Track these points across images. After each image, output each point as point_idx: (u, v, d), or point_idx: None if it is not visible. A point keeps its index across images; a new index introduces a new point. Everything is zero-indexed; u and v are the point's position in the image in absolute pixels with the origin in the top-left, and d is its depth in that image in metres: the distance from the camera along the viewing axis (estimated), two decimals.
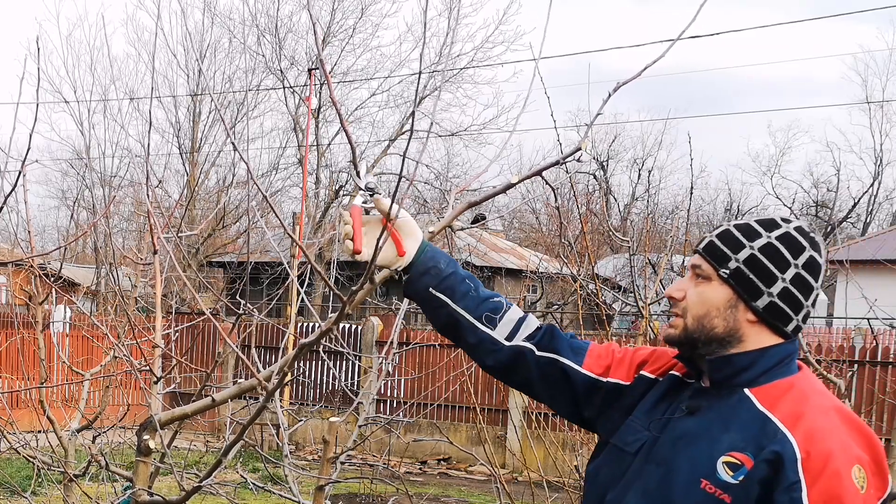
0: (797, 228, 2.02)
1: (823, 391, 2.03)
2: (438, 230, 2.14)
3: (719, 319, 2.00)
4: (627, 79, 2.02)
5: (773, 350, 2.00)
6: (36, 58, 6.23)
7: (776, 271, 1.97)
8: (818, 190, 39.72)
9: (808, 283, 1.99)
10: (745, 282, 1.98)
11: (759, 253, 1.98)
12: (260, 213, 15.46)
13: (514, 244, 31.45)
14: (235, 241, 26.10)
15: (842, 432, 1.91)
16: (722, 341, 2.01)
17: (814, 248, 2.01)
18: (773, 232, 2.00)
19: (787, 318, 1.99)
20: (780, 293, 1.97)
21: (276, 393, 2.30)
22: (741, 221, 2.06)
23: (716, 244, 2.03)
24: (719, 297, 2.00)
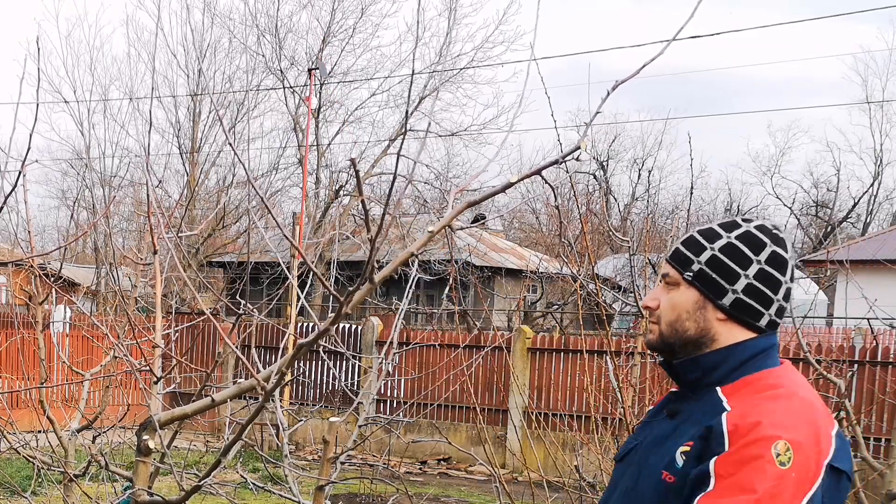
0: (758, 227, 2.06)
1: (794, 383, 2.02)
2: (438, 230, 2.14)
3: (690, 322, 2.06)
4: (626, 77, 2.02)
5: (741, 346, 2.04)
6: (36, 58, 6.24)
7: (738, 269, 2.02)
8: (818, 190, 39.73)
9: (774, 277, 2.03)
10: (709, 282, 2.04)
11: (719, 253, 2.04)
12: (259, 214, 15.48)
13: (514, 244, 31.44)
14: (235, 241, 26.08)
15: (784, 413, 1.92)
16: (696, 343, 2.06)
17: (776, 244, 2.04)
18: (732, 232, 2.06)
19: (757, 314, 2.03)
20: (744, 289, 2.02)
21: (276, 393, 2.30)
22: (704, 227, 2.11)
23: (680, 250, 2.09)
24: (688, 300, 2.06)
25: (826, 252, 24.37)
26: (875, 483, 5.17)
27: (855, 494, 4.48)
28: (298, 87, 25.11)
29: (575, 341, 13.38)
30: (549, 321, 22.12)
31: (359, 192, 2.26)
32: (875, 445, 10.40)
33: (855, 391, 11.15)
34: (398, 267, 2.19)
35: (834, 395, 4.61)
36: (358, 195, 20.15)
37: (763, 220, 2.10)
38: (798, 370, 2.13)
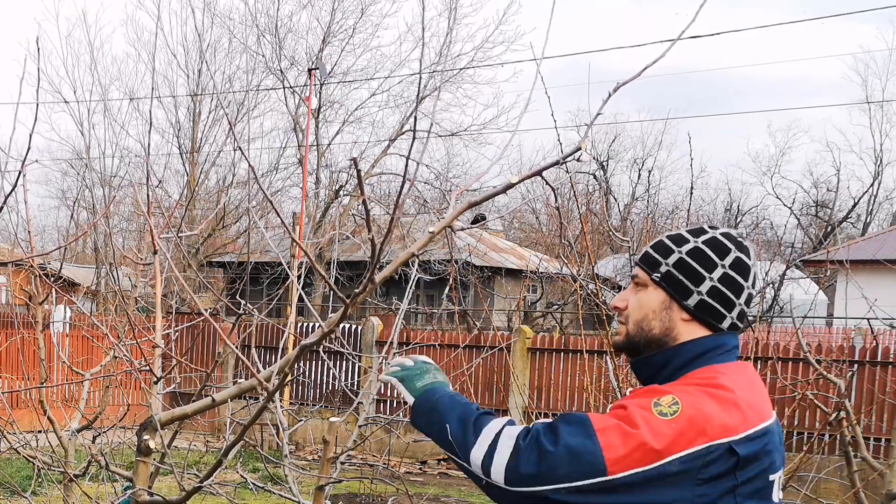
0: (724, 234, 2.15)
1: (730, 380, 2.03)
2: (439, 230, 2.14)
3: (656, 321, 2.13)
4: (627, 79, 2.02)
5: (689, 344, 2.10)
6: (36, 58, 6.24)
7: (703, 272, 2.10)
8: (818, 190, 39.71)
9: (737, 282, 2.11)
10: (675, 283, 2.12)
11: (686, 256, 2.12)
12: (260, 214, 15.47)
13: (514, 244, 31.45)
14: (235, 241, 26.08)
15: (694, 391, 1.97)
16: (659, 342, 2.13)
17: (740, 251, 2.13)
18: (700, 237, 2.14)
19: (720, 316, 2.11)
20: (709, 291, 2.09)
21: (276, 393, 2.30)
22: (674, 233, 2.19)
23: (649, 253, 2.17)
24: (655, 300, 2.14)
25: (826, 252, 24.37)
26: (875, 483, 5.18)
27: (855, 494, 4.49)
28: (298, 87, 25.12)
29: (575, 341, 13.38)
30: (549, 321, 22.12)
31: (360, 191, 2.26)
32: (875, 445, 10.40)
33: (855, 391, 11.15)
34: (399, 267, 2.19)
35: (834, 395, 4.61)
36: (358, 195, 20.10)
37: (729, 229, 2.18)
38: (749, 371, 2.15)
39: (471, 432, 2.05)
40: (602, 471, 1.88)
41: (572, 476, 1.89)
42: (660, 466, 1.88)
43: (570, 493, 1.89)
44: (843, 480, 5.11)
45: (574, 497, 1.89)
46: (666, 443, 1.88)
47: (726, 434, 1.92)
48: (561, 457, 1.90)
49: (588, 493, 1.89)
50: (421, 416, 2.19)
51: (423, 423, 2.18)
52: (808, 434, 10.62)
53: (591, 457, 1.88)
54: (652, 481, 1.88)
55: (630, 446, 1.88)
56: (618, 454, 1.88)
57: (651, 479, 1.88)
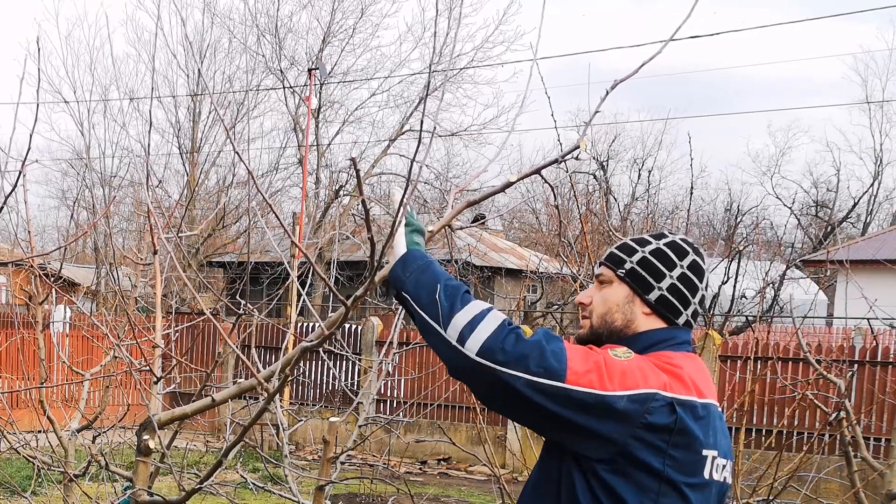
0: (682, 238, 2.36)
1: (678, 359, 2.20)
2: (438, 229, 2.14)
3: (619, 314, 2.30)
4: (625, 77, 2.03)
5: (645, 334, 2.27)
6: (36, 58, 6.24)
7: (664, 269, 2.29)
8: (818, 190, 39.68)
9: (693, 282, 2.30)
10: (638, 279, 2.29)
11: (650, 255, 2.31)
12: (260, 213, 15.46)
13: (514, 244, 31.43)
14: (235, 241, 26.07)
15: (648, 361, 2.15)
16: (620, 333, 2.29)
17: (697, 255, 2.33)
18: (661, 240, 2.34)
19: (677, 311, 2.29)
20: (668, 288, 2.28)
21: (276, 393, 2.30)
22: (637, 237, 2.39)
23: (615, 252, 2.36)
24: (619, 294, 2.31)
25: (826, 252, 24.37)
26: (875, 483, 5.18)
27: (855, 494, 4.49)
28: (298, 87, 25.11)
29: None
30: (549, 321, 22.12)
31: (359, 191, 2.27)
32: (875, 445, 10.40)
33: (855, 391, 11.14)
34: None
35: (834, 395, 4.61)
36: (358, 195, 20.10)
37: (685, 235, 2.40)
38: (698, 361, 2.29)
39: (458, 300, 2.14)
40: (562, 376, 2.02)
41: (536, 371, 2.02)
42: (610, 396, 2.02)
43: (525, 386, 2.02)
44: (843, 480, 5.11)
45: (526, 390, 2.02)
46: (617, 377, 2.05)
47: (669, 389, 2.08)
48: (533, 348, 2.04)
49: (540, 393, 2.02)
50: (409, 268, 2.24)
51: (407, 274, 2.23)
52: (808, 434, 10.62)
53: (557, 362, 2.03)
54: (598, 407, 2.02)
55: (588, 366, 2.04)
56: (578, 370, 2.03)
57: (599, 405, 2.02)
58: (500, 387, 2.04)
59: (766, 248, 28.29)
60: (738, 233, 34.51)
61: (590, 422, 2.02)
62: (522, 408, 2.04)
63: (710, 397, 2.19)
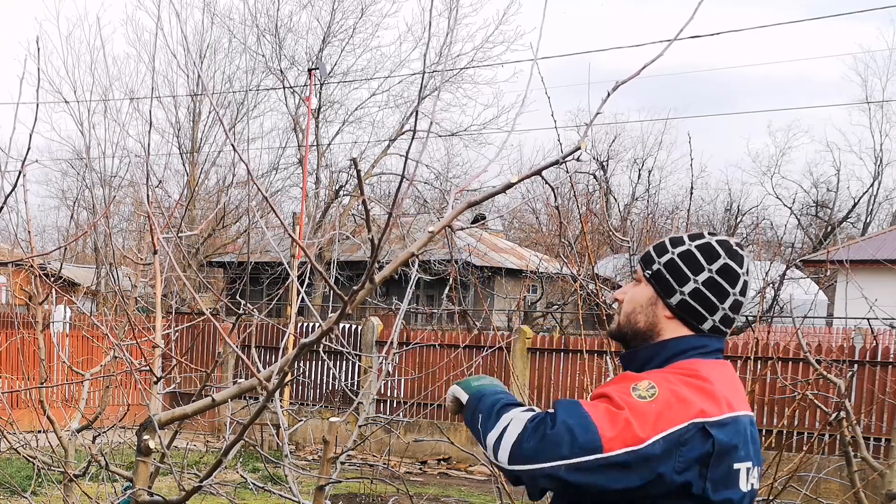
0: (719, 241, 2.26)
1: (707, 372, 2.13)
2: (438, 230, 2.14)
3: (642, 315, 2.26)
4: (626, 78, 2.02)
5: (673, 341, 2.22)
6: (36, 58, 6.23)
7: (689, 273, 2.22)
8: (818, 190, 39.69)
9: (722, 287, 2.21)
10: (662, 281, 2.24)
11: (677, 258, 2.24)
12: (260, 213, 15.47)
13: (514, 244, 31.44)
14: (235, 241, 26.08)
15: (669, 376, 2.10)
16: (644, 335, 2.25)
17: (731, 258, 2.22)
18: (694, 242, 2.26)
19: (701, 317, 2.22)
20: (691, 292, 2.21)
21: (276, 393, 2.30)
22: (677, 235, 2.31)
23: (649, 252, 2.31)
24: (644, 295, 2.27)
25: (826, 252, 24.37)
26: (875, 483, 5.18)
27: (855, 494, 4.49)
28: (298, 87, 25.12)
29: (575, 341, 13.37)
30: (549, 321, 22.13)
31: (360, 191, 2.27)
32: (875, 445, 10.39)
33: (855, 391, 11.14)
34: (399, 267, 2.19)
35: (834, 395, 4.61)
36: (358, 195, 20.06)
37: (728, 237, 2.27)
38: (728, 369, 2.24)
39: (493, 419, 2.14)
40: (599, 448, 1.97)
41: (572, 453, 1.97)
42: (646, 447, 1.98)
43: (569, 471, 1.98)
44: (843, 480, 5.11)
45: (573, 475, 1.98)
46: (649, 424, 1.99)
47: (700, 416, 2.03)
48: (560, 435, 1.99)
49: (587, 472, 1.98)
50: (468, 412, 2.26)
51: (468, 418, 2.26)
52: (808, 434, 10.63)
53: (589, 435, 1.98)
54: (639, 461, 1.98)
55: (619, 427, 1.98)
56: (610, 434, 1.98)
57: (638, 460, 1.98)
58: (545, 481, 2.02)
59: (766, 248, 28.30)
60: (738, 233, 34.53)
61: (633, 477, 1.99)
62: (576, 490, 2.01)
63: (741, 407, 2.15)
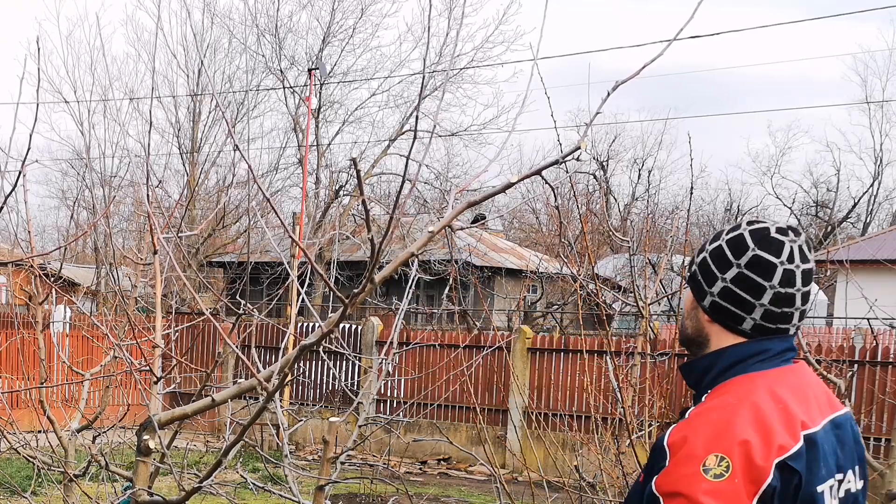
0: (754, 231, 2.05)
1: (753, 391, 2.00)
2: (438, 230, 2.14)
3: (689, 321, 2.14)
4: (626, 78, 2.02)
5: (730, 350, 2.06)
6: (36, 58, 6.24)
7: (717, 272, 2.06)
8: (818, 190, 39.71)
9: (754, 281, 2.02)
10: (695, 283, 2.11)
11: (709, 256, 2.09)
12: (260, 213, 15.47)
13: (514, 244, 31.43)
14: (235, 241, 26.08)
15: (726, 420, 1.92)
16: (694, 342, 2.13)
17: (764, 248, 2.02)
18: (729, 235, 2.08)
19: (737, 317, 2.04)
20: (720, 292, 2.05)
21: (276, 393, 2.30)
22: (721, 229, 2.16)
23: (694, 253, 2.17)
24: (688, 300, 2.15)
25: (826, 252, 24.35)
26: (875, 483, 5.17)
27: None
28: (298, 87, 25.11)
29: (575, 341, 13.37)
30: (549, 321, 22.12)
31: (360, 191, 2.26)
32: (875, 445, 10.39)
33: (855, 391, 11.14)
34: (398, 267, 2.19)
35: (834, 395, 4.61)
36: (358, 195, 20.08)
37: (770, 224, 2.08)
38: (793, 376, 2.09)
39: None
40: None
41: None
42: None
43: None
44: None
45: None
46: (740, 500, 1.86)
47: (779, 454, 1.90)
48: None
49: None
50: None
51: None
52: None
53: None
54: None
55: None
56: None
57: None
58: None
59: None
60: None
61: None
62: None
63: (816, 420, 2.00)
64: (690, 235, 27.53)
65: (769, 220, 2.11)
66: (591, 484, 5.30)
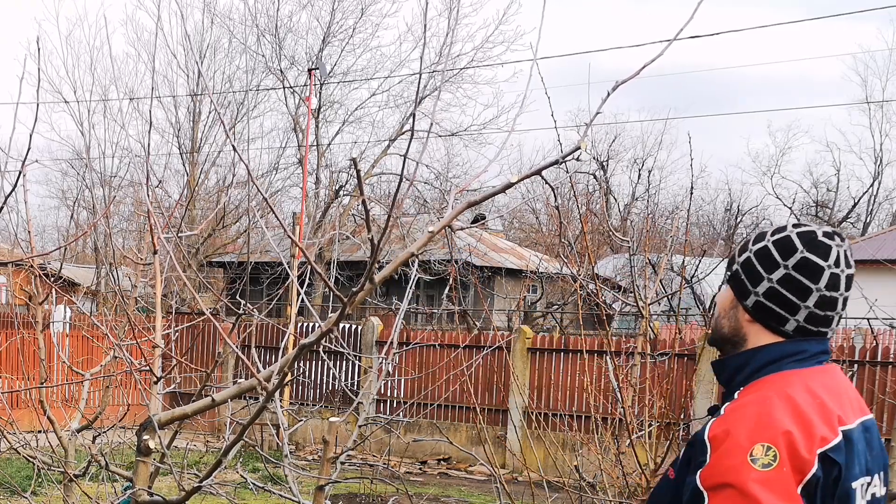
0: (801, 233, 2.07)
1: (792, 385, 2.02)
2: (438, 230, 2.14)
3: (726, 320, 2.15)
4: (626, 78, 2.02)
5: (765, 349, 2.08)
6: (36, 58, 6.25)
7: (763, 272, 2.07)
8: (818, 190, 39.71)
9: (801, 283, 2.04)
10: (738, 283, 2.12)
11: (753, 256, 2.10)
12: (260, 214, 15.48)
13: (514, 244, 31.42)
14: (235, 241, 26.07)
15: (767, 413, 1.95)
16: (731, 341, 2.14)
17: (812, 251, 2.04)
18: (774, 236, 2.10)
19: (781, 318, 2.07)
20: (765, 293, 2.06)
21: (276, 393, 2.30)
22: (764, 230, 2.17)
23: (734, 251, 2.18)
24: (726, 299, 2.16)
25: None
26: None
27: None
28: (298, 87, 25.11)
29: (575, 341, 13.37)
30: (549, 321, 22.12)
31: (360, 191, 2.27)
32: None
33: None
34: (398, 267, 2.19)
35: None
36: (358, 195, 20.07)
37: (817, 227, 2.10)
38: (827, 376, 2.12)
39: None
40: None
41: None
42: None
43: None
44: None
45: None
46: (787, 488, 1.89)
47: (822, 445, 1.93)
48: None
49: None
50: None
51: None
52: None
53: None
54: None
55: None
56: None
57: None
58: None
59: None
60: (738, 233, 34.55)
61: None
62: None
63: (850, 419, 2.03)
64: (690, 235, 27.54)
65: (813, 224, 2.14)
66: (591, 484, 5.31)
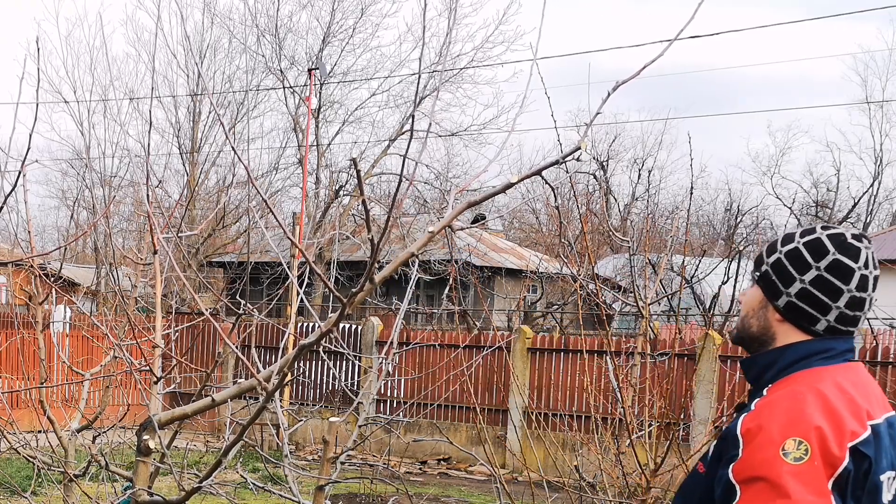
0: (831, 235, 2.14)
1: (822, 380, 2.06)
2: (438, 230, 2.14)
3: (754, 319, 2.20)
4: (626, 78, 2.02)
5: (794, 347, 2.13)
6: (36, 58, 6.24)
7: (795, 273, 2.12)
8: (818, 190, 39.68)
9: (833, 284, 2.10)
10: (769, 283, 2.17)
11: (784, 257, 2.15)
12: (259, 214, 15.49)
13: (514, 244, 31.42)
14: (235, 241, 26.07)
15: (798, 408, 2.00)
16: (759, 340, 2.19)
17: (843, 253, 2.10)
18: (804, 238, 2.15)
19: (812, 318, 2.12)
20: (798, 293, 2.12)
21: (276, 393, 2.30)
22: (791, 232, 2.21)
23: (761, 251, 2.24)
24: (754, 298, 2.20)
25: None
26: None
27: None
28: (298, 87, 25.11)
29: (575, 341, 13.37)
30: (549, 321, 22.11)
31: (360, 191, 2.27)
32: None
33: None
34: (398, 267, 2.19)
35: None
36: (358, 195, 20.07)
37: (844, 230, 2.16)
38: (854, 373, 2.15)
39: None
40: None
41: None
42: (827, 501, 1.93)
43: None
44: None
45: None
46: (819, 482, 1.93)
47: (852, 438, 1.98)
48: None
49: None
50: None
51: None
52: None
53: None
54: None
55: None
56: None
57: None
58: None
59: None
60: (738, 233, 34.53)
61: None
62: None
63: (877, 414, 2.07)
64: (690, 235, 27.53)
65: (841, 227, 2.19)
66: (591, 484, 5.31)
